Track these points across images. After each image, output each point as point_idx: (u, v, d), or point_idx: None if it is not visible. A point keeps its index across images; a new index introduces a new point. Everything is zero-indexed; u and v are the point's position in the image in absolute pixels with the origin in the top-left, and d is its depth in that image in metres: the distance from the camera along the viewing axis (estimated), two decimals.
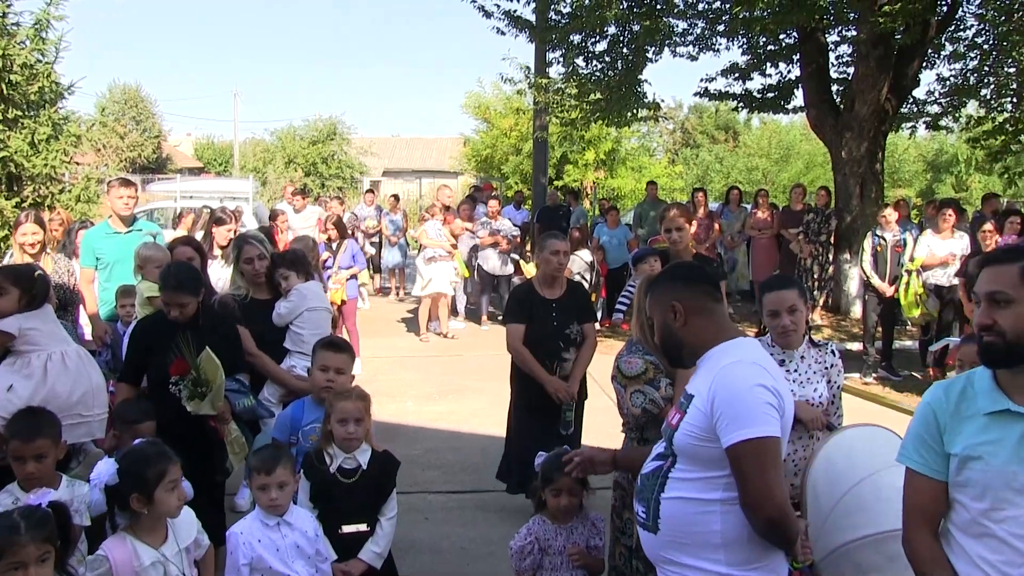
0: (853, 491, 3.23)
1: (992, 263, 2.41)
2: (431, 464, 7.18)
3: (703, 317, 2.87)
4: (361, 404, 3.91)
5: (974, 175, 31.60)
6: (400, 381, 9.94)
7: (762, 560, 2.71)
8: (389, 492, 3.98)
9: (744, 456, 2.59)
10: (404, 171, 44.50)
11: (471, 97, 30.52)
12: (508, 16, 15.52)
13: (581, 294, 6.18)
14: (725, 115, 41.79)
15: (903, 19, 11.99)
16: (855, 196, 13.98)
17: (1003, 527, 2.30)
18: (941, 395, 2.48)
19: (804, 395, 3.84)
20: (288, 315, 5.46)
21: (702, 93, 16.82)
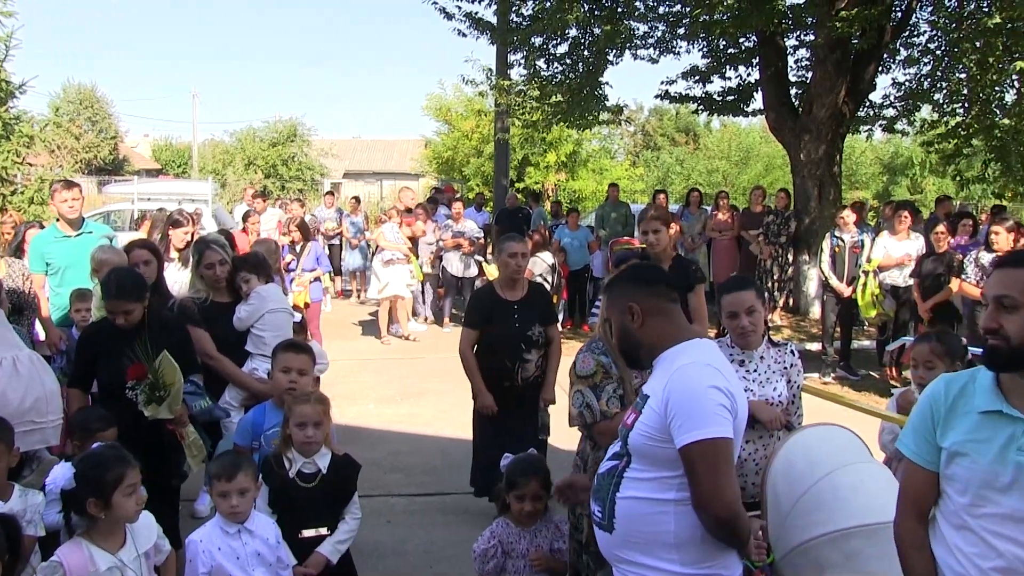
0: (812, 490, 3.25)
1: (1004, 266, 2.41)
2: (393, 467, 7.14)
3: (660, 318, 2.90)
4: (320, 408, 3.88)
5: (928, 178, 32.07)
6: (362, 384, 9.89)
7: (716, 560, 2.74)
8: (351, 495, 3.96)
9: (696, 457, 2.61)
10: (365, 173, 44.33)
11: (432, 99, 30.47)
12: (469, 18, 15.49)
13: (543, 296, 6.18)
14: (686, 118, 42.07)
15: (859, 24, 12.17)
16: (814, 198, 14.13)
17: (980, 522, 2.35)
18: (941, 389, 2.52)
19: (764, 395, 3.87)
20: (249, 318, 5.41)
21: (663, 96, 16.90)
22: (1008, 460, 2.30)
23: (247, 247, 8.78)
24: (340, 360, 10.67)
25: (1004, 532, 2.30)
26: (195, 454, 4.49)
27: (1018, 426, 2.31)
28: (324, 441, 3.91)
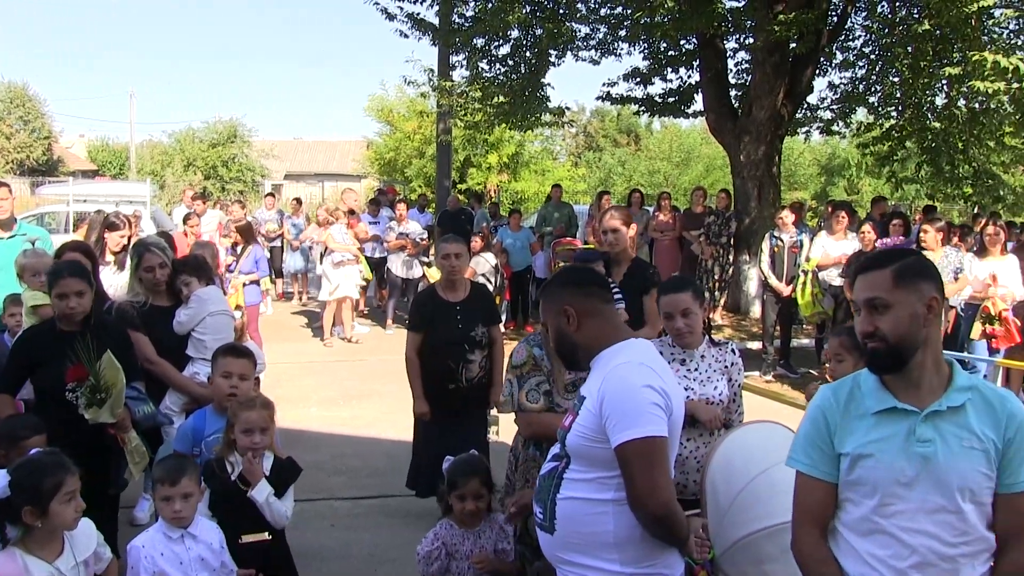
0: (750, 486, 3.29)
1: (865, 270, 2.46)
2: (336, 470, 7.09)
3: (595, 320, 2.93)
4: (266, 413, 3.85)
5: (865, 179, 32.71)
6: (304, 386, 9.80)
7: (656, 558, 2.78)
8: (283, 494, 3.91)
9: (631, 455, 2.65)
10: (306, 174, 43.99)
11: (374, 100, 30.34)
12: (411, 19, 15.43)
13: (485, 296, 6.19)
14: (627, 119, 42.37)
15: (797, 28, 12.37)
16: (753, 198, 14.33)
17: (892, 521, 2.37)
18: (830, 396, 2.54)
19: (705, 393, 3.92)
20: (189, 322, 5.32)
21: (604, 97, 16.99)
22: (911, 453, 2.35)
23: (186, 249, 8.65)
24: (281, 363, 10.57)
25: (916, 527, 2.35)
26: (137, 461, 4.39)
27: (913, 419, 2.37)
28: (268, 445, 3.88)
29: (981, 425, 2.36)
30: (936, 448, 2.34)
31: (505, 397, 3.91)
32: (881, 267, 2.42)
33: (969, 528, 2.35)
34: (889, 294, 2.38)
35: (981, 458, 2.34)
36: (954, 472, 2.33)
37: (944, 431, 2.36)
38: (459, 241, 5.94)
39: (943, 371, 2.44)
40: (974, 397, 2.40)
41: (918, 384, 2.41)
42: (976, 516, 2.35)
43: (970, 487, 2.34)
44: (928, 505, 2.34)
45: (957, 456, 2.34)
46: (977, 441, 2.35)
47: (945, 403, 2.37)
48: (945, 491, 2.34)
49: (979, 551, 2.37)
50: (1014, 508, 2.36)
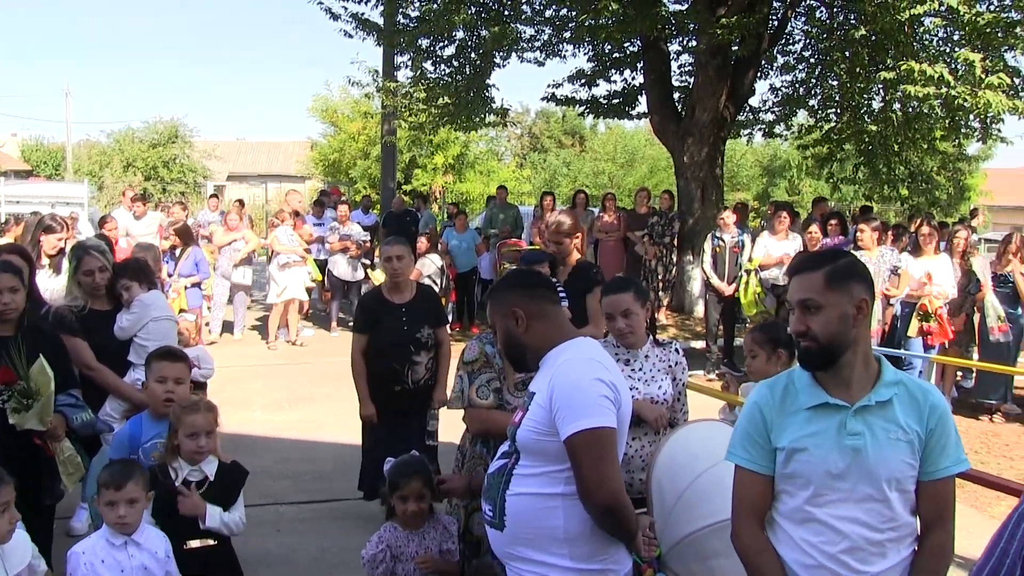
0: (695, 484, 3.34)
1: (799, 272, 2.56)
2: (282, 474, 7.01)
3: (544, 320, 2.97)
4: (210, 416, 3.79)
5: (805, 180, 33.23)
6: (248, 390, 9.68)
7: (606, 554, 2.81)
8: (235, 501, 3.86)
9: (580, 446, 2.68)
10: (250, 175, 43.50)
11: (318, 100, 30.10)
12: (355, 19, 15.36)
13: (431, 298, 6.18)
14: (572, 120, 42.55)
15: (739, 31, 12.55)
16: (697, 199, 14.50)
17: (825, 511, 2.50)
18: (767, 393, 2.64)
19: (649, 393, 3.96)
20: (131, 327, 5.22)
21: (549, 98, 17.06)
22: (842, 446, 2.47)
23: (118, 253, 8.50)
24: (225, 366, 10.42)
25: (847, 515, 2.47)
26: (71, 472, 4.27)
27: (844, 413, 2.49)
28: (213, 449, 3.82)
29: (906, 417, 2.49)
30: (865, 441, 2.46)
31: (455, 393, 3.91)
32: (814, 269, 2.53)
33: (895, 515, 2.49)
34: (821, 296, 2.49)
35: (906, 449, 2.48)
36: (882, 463, 2.46)
37: (873, 424, 2.48)
38: (402, 243, 5.93)
39: (872, 367, 2.56)
40: (900, 391, 2.53)
41: (848, 380, 2.52)
42: (901, 503, 2.49)
43: (896, 477, 2.47)
44: (857, 494, 2.47)
45: (884, 448, 2.47)
46: (903, 433, 2.48)
47: (873, 398, 2.50)
48: (873, 481, 2.47)
49: (904, 535, 2.52)
50: (935, 494, 2.52)
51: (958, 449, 2.53)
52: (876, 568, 2.48)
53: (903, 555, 2.52)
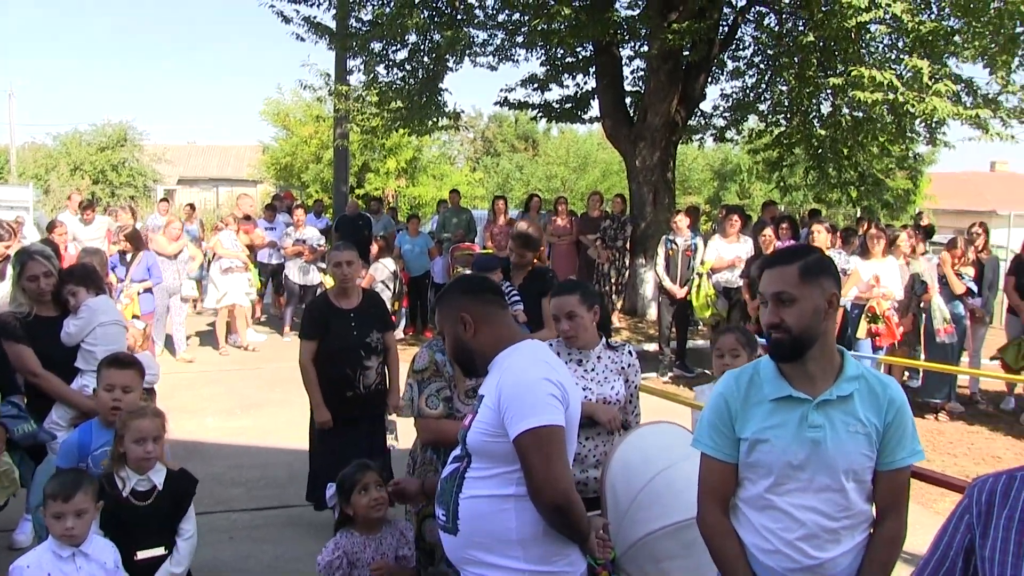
0: (649, 486, 3.36)
1: (774, 265, 2.63)
2: (234, 481, 6.94)
3: (492, 325, 2.99)
4: (158, 421, 3.72)
5: (755, 183, 33.61)
6: (199, 396, 9.57)
7: (559, 556, 2.82)
8: (186, 511, 3.81)
9: (529, 445, 2.70)
10: (201, 179, 43.05)
11: (270, 104, 29.79)
12: (307, 22, 15.23)
13: (378, 303, 6.17)
14: (525, 124, 42.64)
15: (690, 37, 12.69)
16: (649, 203, 14.60)
17: (784, 499, 2.59)
18: (732, 384, 2.72)
19: (602, 393, 4.00)
20: (78, 333, 5.13)
21: (502, 103, 17.09)
22: (803, 438, 2.56)
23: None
24: (176, 373, 10.32)
25: (805, 503, 2.57)
26: (5, 486, 4.17)
27: (806, 406, 2.58)
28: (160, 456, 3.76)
29: (865, 411, 2.58)
30: (825, 434, 2.55)
31: (405, 401, 3.91)
32: (788, 263, 2.60)
33: (851, 504, 2.58)
34: (795, 288, 2.57)
35: (864, 441, 2.57)
36: (840, 456, 2.55)
37: (833, 418, 2.57)
38: (351, 249, 5.93)
39: (835, 361, 2.64)
40: (861, 385, 2.61)
41: (812, 374, 2.61)
42: (857, 493, 2.59)
43: (854, 468, 2.57)
44: (816, 485, 2.57)
45: (843, 441, 2.55)
46: (861, 426, 2.57)
47: (835, 392, 2.58)
48: (831, 472, 2.56)
49: (858, 523, 2.62)
50: (891, 483, 2.63)
51: (914, 441, 2.63)
52: (830, 554, 2.57)
53: (856, 540, 2.61)
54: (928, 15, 11.41)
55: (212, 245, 12.51)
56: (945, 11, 11.31)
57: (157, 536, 3.69)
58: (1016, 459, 7.77)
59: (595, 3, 13.95)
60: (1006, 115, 12.05)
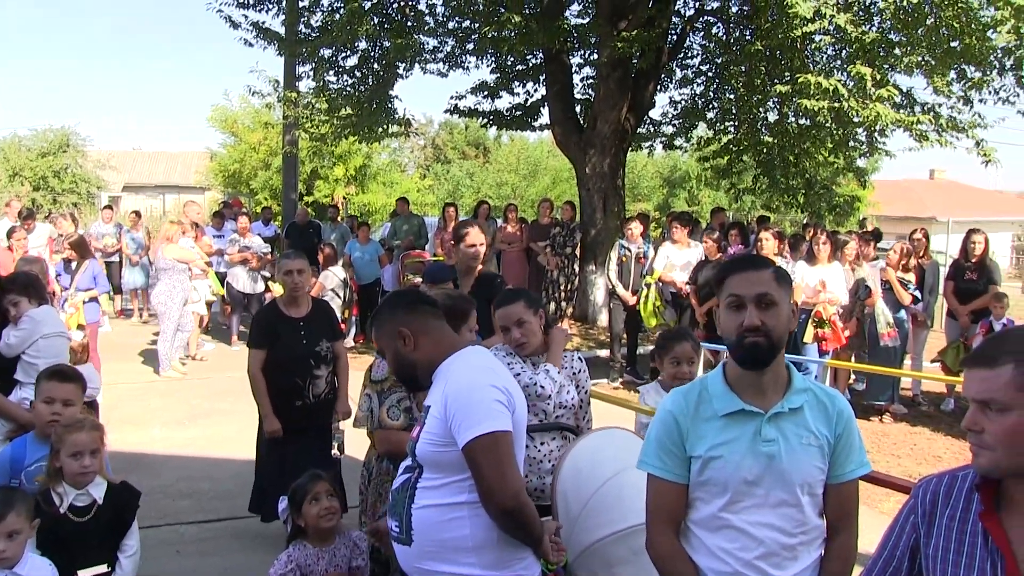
0: (600, 492, 3.37)
1: (747, 269, 2.57)
2: (182, 493, 6.83)
3: (431, 336, 3.01)
4: (96, 434, 3.63)
5: (705, 190, 33.95)
6: (146, 407, 9.40)
7: (513, 561, 2.84)
8: (129, 526, 3.72)
9: (478, 451, 2.70)
10: (146, 186, 42.41)
11: (217, 110, 29.43)
12: (256, 28, 15.08)
13: (328, 312, 6.14)
14: (475, 131, 42.70)
15: (639, 45, 12.80)
16: (598, 210, 14.69)
17: (740, 517, 2.52)
18: (681, 401, 2.65)
19: (559, 399, 4.00)
20: (19, 344, 5.02)
21: (452, 110, 17.09)
22: (757, 452, 2.51)
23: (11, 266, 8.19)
24: (121, 384, 10.15)
25: (762, 520, 2.51)
26: None
27: (758, 420, 2.53)
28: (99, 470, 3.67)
29: (816, 423, 2.56)
30: (779, 447, 2.51)
31: (364, 413, 3.88)
32: (763, 267, 2.57)
33: (806, 519, 2.55)
34: (775, 291, 2.53)
35: (817, 454, 2.55)
36: (795, 469, 2.51)
37: (786, 431, 2.54)
38: (301, 257, 5.90)
39: (783, 374, 2.61)
40: (809, 398, 2.59)
41: (764, 386, 2.56)
42: (811, 507, 2.56)
43: (808, 481, 2.54)
44: (772, 500, 2.52)
45: (797, 453, 2.52)
46: (813, 438, 2.54)
47: (786, 405, 2.55)
48: (787, 486, 2.52)
49: (814, 538, 2.58)
50: (841, 496, 2.60)
51: (861, 452, 2.63)
52: (789, 572, 2.53)
53: (813, 557, 2.58)
54: (870, 27, 11.63)
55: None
56: (886, 24, 11.54)
57: (98, 553, 3.61)
58: (956, 459, 7.93)
59: (545, 11, 14.02)
60: (944, 125, 12.33)
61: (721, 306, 2.60)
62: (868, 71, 10.73)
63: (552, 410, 3.95)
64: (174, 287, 11.02)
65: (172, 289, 11.00)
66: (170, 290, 10.99)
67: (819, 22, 10.30)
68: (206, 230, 13.64)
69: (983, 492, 2.00)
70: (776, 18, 11.48)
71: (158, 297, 11.07)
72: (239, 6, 15.04)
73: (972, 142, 12.09)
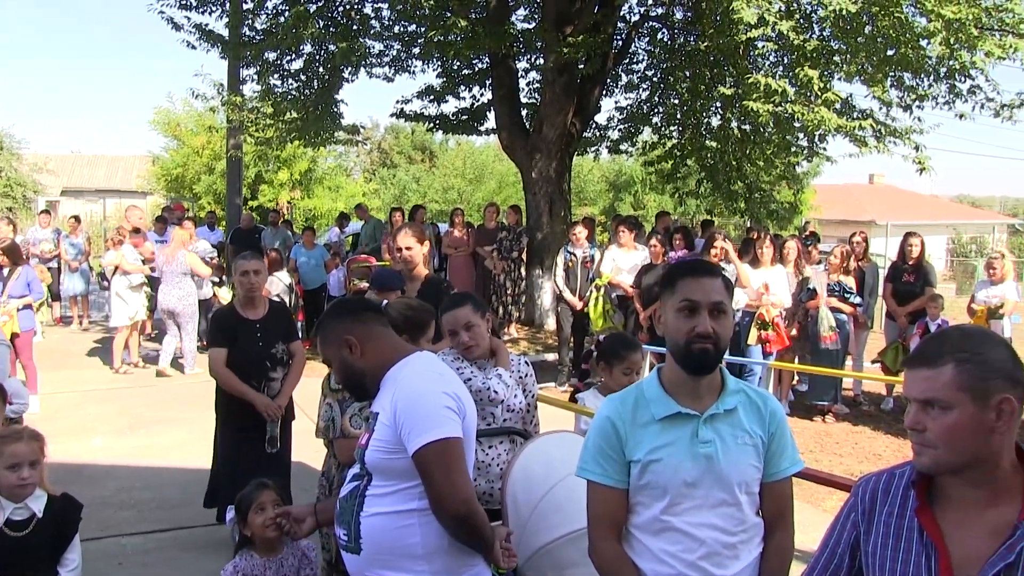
0: (550, 494, 3.38)
1: (701, 275, 2.60)
2: (125, 504, 6.69)
3: (376, 342, 2.98)
4: (35, 445, 3.52)
5: (650, 194, 34.27)
6: (87, 417, 9.21)
7: (464, 566, 2.83)
8: (71, 540, 3.63)
9: (429, 458, 2.69)
10: (86, 190, 41.55)
11: (160, 113, 28.97)
12: (199, 30, 14.87)
13: (284, 314, 6.13)
14: (421, 136, 42.60)
15: (585, 50, 12.89)
16: (545, 214, 14.75)
17: (681, 519, 2.55)
18: (618, 406, 2.67)
19: (508, 403, 4.01)
20: None
21: (398, 114, 17.05)
22: (695, 454, 2.55)
23: None
24: (60, 393, 9.95)
25: (702, 521, 2.55)
26: None
27: (695, 422, 2.58)
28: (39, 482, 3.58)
29: (750, 423, 2.62)
30: (716, 448, 2.55)
31: (325, 423, 3.83)
32: (715, 275, 2.61)
33: (745, 517, 2.59)
34: (727, 300, 2.59)
35: (752, 453, 2.60)
36: (733, 468, 2.56)
37: (722, 431, 2.58)
38: (256, 258, 5.89)
39: (718, 377, 2.66)
40: (742, 399, 2.65)
41: (699, 390, 2.61)
42: (749, 505, 2.61)
43: (746, 480, 2.59)
44: (712, 500, 2.55)
45: (734, 453, 2.57)
46: (748, 438, 2.60)
47: (721, 406, 2.60)
48: (726, 486, 2.56)
49: (753, 536, 2.63)
50: (776, 494, 2.66)
51: (794, 451, 2.69)
52: (731, 571, 2.56)
53: (753, 555, 2.63)
54: (811, 34, 11.84)
55: (116, 260, 12.04)
56: (827, 31, 11.75)
57: (38, 568, 3.51)
58: (895, 456, 8.10)
59: (491, 16, 14.06)
60: (883, 131, 12.59)
61: (669, 308, 2.62)
62: (815, 74, 10.91)
63: (500, 414, 3.96)
64: (191, 291, 11.53)
65: (190, 293, 11.50)
66: (188, 293, 11.46)
67: (762, 28, 10.45)
68: (148, 235, 13.42)
69: (918, 488, 2.05)
70: (720, 24, 11.63)
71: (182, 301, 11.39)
72: (182, 7, 14.82)
73: (909, 149, 12.35)
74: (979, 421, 1.90)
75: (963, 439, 1.92)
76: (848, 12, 9.93)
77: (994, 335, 2.04)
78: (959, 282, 27.37)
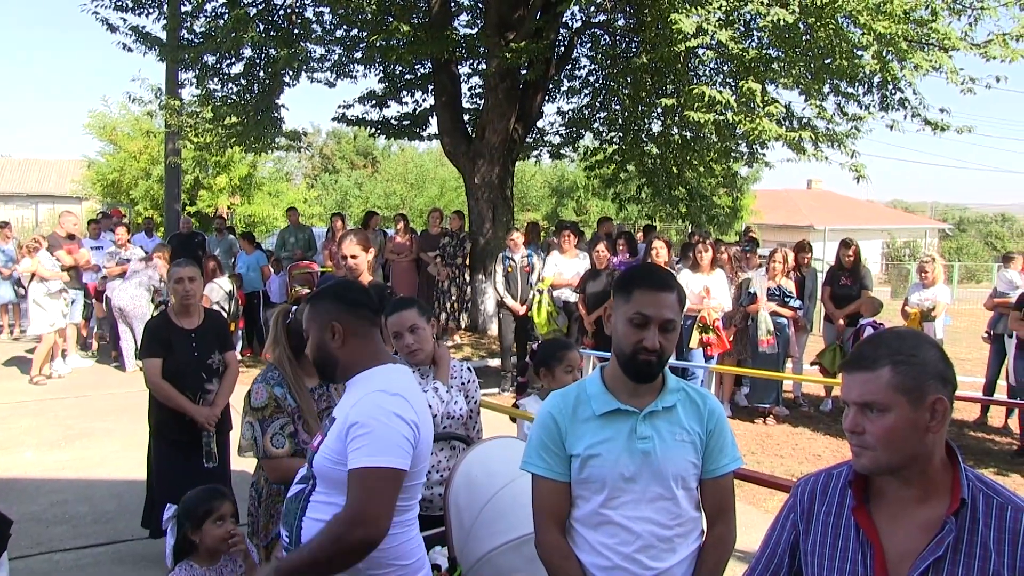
0: (492, 501, 3.36)
1: (660, 290, 2.64)
2: (57, 519, 6.51)
3: (360, 340, 2.92)
4: None
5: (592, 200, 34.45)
6: (15, 429, 8.96)
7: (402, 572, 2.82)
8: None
9: (366, 478, 2.61)
10: (17, 195, 40.61)
11: (95, 117, 28.37)
12: (135, 32, 14.57)
13: (220, 322, 5.96)
14: (363, 141, 42.33)
15: (527, 56, 12.93)
16: (488, 220, 14.77)
17: (619, 512, 2.63)
18: (560, 402, 2.75)
19: (448, 410, 4.00)
20: None
21: (340, 119, 16.95)
22: (633, 449, 2.62)
23: None
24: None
25: (639, 515, 2.62)
26: None
27: (634, 418, 2.65)
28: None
29: (689, 420, 2.70)
30: (654, 444, 2.63)
31: (247, 441, 3.76)
32: (670, 290, 2.66)
33: (682, 512, 2.67)
34: (677, 317, 2.67)
35: (690, 449, 2.68)
36: (669, 464, 2.64)
37: (660, 428, 2.66)
38: (192, 265, 5.70)
39: (659, 377, 2.73)
40: (682, 397, 2.73)
41: (640, 389, 2.68)
42: (686, 500, 2.68)
43: (682, 475, 2.66)
44: (648, 495, 2.63)
45: (671, 449, 2.65)
46: (687, 435, 2.67)
47: (660, 404, 2.67)
48: (662, 481, 2.63)
49: (690, 530, 2.70)
50: (716, 490, 2.73)
51: (734, 448, 2.76)
52: (667, 563, 2.63)
53: (691, 549, 2.69)
54: (751, 43, 12.02)
55: (32, 267, 11.74)
56: (765, 40, 11.94)
57: None
58: (834, 457, 8.24)
59: (434, 21, 14.05)
60: (820, 138, 12.83)
61: (621, 315, 2.66)
62: (758, 87, 11.08)
63: (440, 421, 3.93)
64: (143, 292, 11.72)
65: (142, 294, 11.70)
66: (140, 294, 11.68)
67: (702, 37, 10.58)
68: (83, 241, 13.14)
69: (855, 488, 2.11)
70: (660, 32, 11.75)
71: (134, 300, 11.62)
72: (117, 8, 14.54)
73: (846, 156, 12.60)
74: (915, 421, 1.95)
75: (901, 440, 1.96)
76: (785, 22, 10.10)
77: (926, 337, 2.09)
78: (894, 285, 28.02)
